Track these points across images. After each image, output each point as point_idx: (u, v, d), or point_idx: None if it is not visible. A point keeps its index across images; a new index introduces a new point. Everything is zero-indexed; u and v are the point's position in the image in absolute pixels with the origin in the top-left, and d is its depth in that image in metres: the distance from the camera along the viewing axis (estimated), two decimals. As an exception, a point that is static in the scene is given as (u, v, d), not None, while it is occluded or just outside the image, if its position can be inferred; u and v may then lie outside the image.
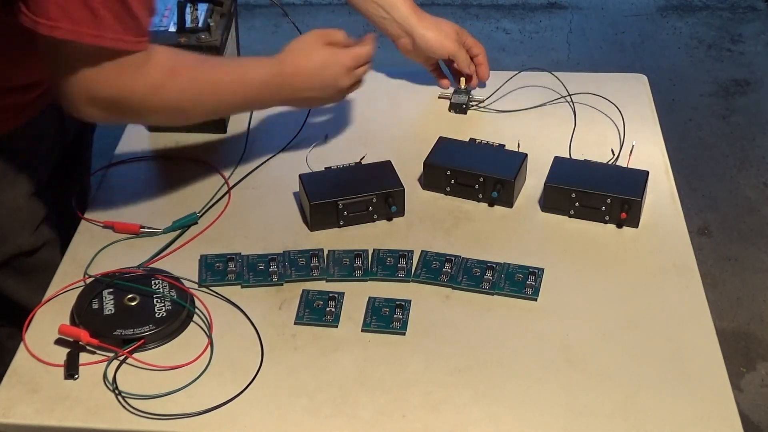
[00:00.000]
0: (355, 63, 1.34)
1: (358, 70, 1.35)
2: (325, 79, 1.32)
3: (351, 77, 1.34)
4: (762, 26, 3.69)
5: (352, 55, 1.34)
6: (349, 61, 1.33)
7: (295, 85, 1.31)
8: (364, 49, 1.35)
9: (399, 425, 1.04)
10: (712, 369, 1.10)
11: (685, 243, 1.28)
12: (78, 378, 1.08)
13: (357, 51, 1.34)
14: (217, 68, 1.27)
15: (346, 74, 1.33)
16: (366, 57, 1.36)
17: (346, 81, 1.34)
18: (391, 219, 1.32)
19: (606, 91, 1.55)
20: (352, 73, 1.34)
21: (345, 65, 1.33)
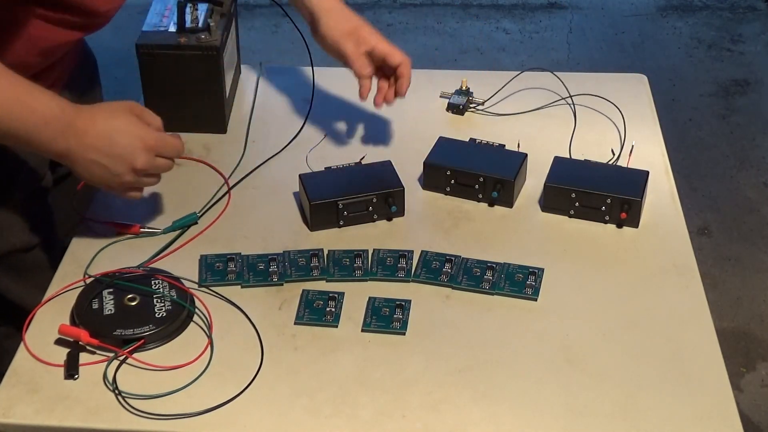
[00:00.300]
0: (158, 146, 1.17)
1: (159, 160, 1.18)
2: (118, 147, 1.15)
3: (147, 159, 1.16)
4: (762, 26, 3.69)
5: (160, 137, 1.18)
6: (152, 140, 1.17)
7: (82, 139, 1.13)
8: (174, 139, 1.20)
9: (399, 425, 1.04)
10: (712, 369, 1.10)
11: (685, 243, 1.28)
12: (78, 378, 1.08)
13: (166, 136, 1.19)
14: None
15: (144, 152, 1.16)
16: (173, 148, 1.20)
17: (141, 160, 1.16)
18: (391, 219, 1.32)
19: (606, 91, 1.55)
20: (151, 156, 1.17)
21: (146, 142, 1.16)
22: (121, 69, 3.38)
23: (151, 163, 1.17)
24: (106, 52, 3.39)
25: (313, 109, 1.53)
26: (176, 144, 1.21)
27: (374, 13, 3.77)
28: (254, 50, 3.21)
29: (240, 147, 1.45)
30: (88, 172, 1.16)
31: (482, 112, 1.54)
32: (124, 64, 3.42)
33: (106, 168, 1.15)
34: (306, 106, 1.54)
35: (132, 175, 1.17)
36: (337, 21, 1.36)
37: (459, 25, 3.70)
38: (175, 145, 1.20)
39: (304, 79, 1.60)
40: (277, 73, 1.63)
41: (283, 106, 1.56)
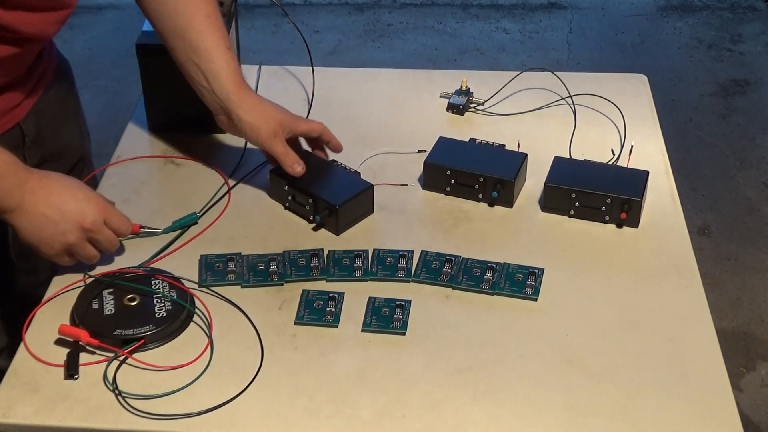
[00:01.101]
0: (108, 214, 1.18)
1: (106, 229, 1.18)
2: (71, 202, 1.15)
3: (96, 221, 1.16)
4: (762, 26, 3.69)
5: (111, 206, 1.19)
6: (104, 206, 1.17)
7: (36, 192, 1.13)
8: (123, 216, 1.20)
9: (399, 425, 1.04)
10: (712, 369, 1.10)
11: (685, 243, 1.28)
12: (78, 378, 1.08)
13: (116, 211, 1.20)
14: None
15: (95, 213, 1.16)
16: (120, 223, 1.19)
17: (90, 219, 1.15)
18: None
19: (606, 91, 1.55)
20: (100, 219, 1.16)
21: (98, 205, 1.17)
22: (121, 69, 3.39)
23: (99, 226, 1.17)
24: (106, 52, 3.41)
25: (313, 109, 1.53)
26: (125, 222, 1.20)
27: (374, 13, 3.77)
28: (254, 50, 3.21)
29: (240, 147, 1.45)
30: (34, 226, 1.14)
31: (482, 112, 1.54)
32: (124, 64, 3.43)
33: (54, 223, 1.14)
34: (306, 106, 1.54)
35: (77, 235, 1.15)
36: (258, 123, 1.29)
37: (459, 25, 3.71)
38: (124, 222, 1.20)
39: (304, 79, 1.60)
40: (277, 73, 1.63)
41: (283, 106, 1.55)
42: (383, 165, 1.42)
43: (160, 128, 1.49)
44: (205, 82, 1.29)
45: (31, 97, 1.31)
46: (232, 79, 1.29)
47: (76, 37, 3.52)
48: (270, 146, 1.30)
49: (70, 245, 1.16)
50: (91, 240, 1.17)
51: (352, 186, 1.31)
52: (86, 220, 1.15)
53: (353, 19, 3.73)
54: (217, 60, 1.28)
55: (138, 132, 1.49)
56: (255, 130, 1.30)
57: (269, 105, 1.32)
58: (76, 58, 3.34)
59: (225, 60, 1.29)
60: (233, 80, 1.29)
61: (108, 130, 2.94)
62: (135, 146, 1.47)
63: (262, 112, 1.30)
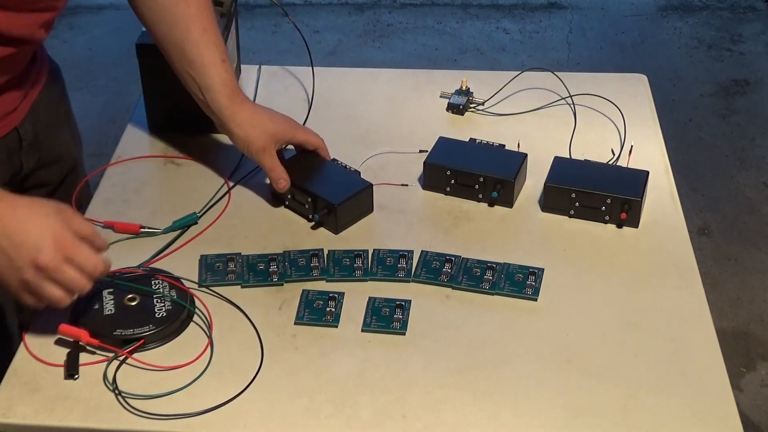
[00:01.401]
0: (71, 250, 1.04)
1: (68, 269, 1.04)
2: (26, 236, 1.02)
3: (53, 258, 1.03)
4: (762, 26, 3.69)
5: (76, 242, 1.05)
6: (66, 241, 1.04)
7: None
8: (93, 255, 1.06)
9: (399, 425, 1.04)
10: (712, 369, 1.10)
11: (685, 243, 1.28)
12: (78, 378, 1.08)
13: (85, 247, 1.05)
14: None
15: (52, 250, 1.02)
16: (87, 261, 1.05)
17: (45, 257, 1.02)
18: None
19: (606, 91, 1.55)
20: (58, 257, 1.03)
21: (58, 240, 1.03)
22: (121, 69, 3.39)
23: (57, 265, 1.03)
24: (106, 52, 3.41)
25: (313, 109, 1.53)
26: (93, 259, 1.06)
27: (374, 13, 3.77)
28: (254, 50, 3.21)
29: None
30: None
31: (482, 112, 1.54)
32: (124, 64, 3.43)
33: (9, 258, 1.03)
34: (306, 106, 1.54)
35: (33, 273, 1.03)
36: (249, 138, 1.31)
37: (459, 25, 3.71)
38: (92, 259, 1.06)
39: (304, 79, 1.60)
40: (277, 73, 1.63)
41: (283, 106, 1.55)
42: (383, 165, 1.42)
43: (160, 128, 1.49)
44: (200, 95, 1.31)
45: (27, 101, 1.31)
46: (225, 93, 1.30)
47: (76, 37, 3.52)
48: (259, 160, 1.32)
49: (27, 282, 1.04)
50: (53, 280, 1.05)
51: (352, 185, 1.31)
52: (41, 257, 1.02)
53: (353, 19, 3.73)
54: (211, 74, 1.30)
55: (138, 132, 1.49)
56: (245, 144, 1.32)
57: (263, 117, 1.33)
58: (76, 58, 3.36)
59: (218, 74, 1.30)
60: (226, 94, 1.30)
61: (108, 130, 2.95)
62: (135, 146, 1.47)
63: (254, 126, 1.31)
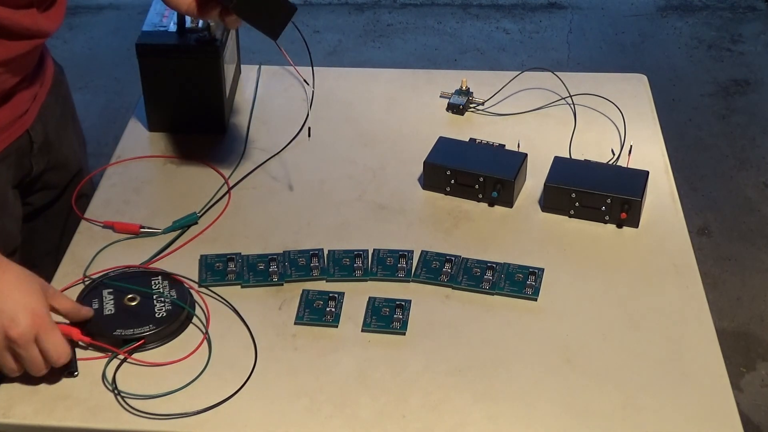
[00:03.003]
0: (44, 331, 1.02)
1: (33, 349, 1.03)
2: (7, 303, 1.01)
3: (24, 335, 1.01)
4: (762, 26, 3.69)
5: (51, 325, 1.04)
6: (42, 320, 1.02)
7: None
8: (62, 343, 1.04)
9: (399, 425, 1.04)
10: (712, 369, 1.10)
11: (685, 243, 1.28)
12: (78, 375, 1.08)
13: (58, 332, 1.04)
14: None
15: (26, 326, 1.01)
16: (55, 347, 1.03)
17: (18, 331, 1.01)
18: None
19: (606, 91, 1.55)
20: (30, 335, 1.02)
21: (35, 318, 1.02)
22: (121, 69, 3.39)
23: (26, 342, 1.02)
24: (106, 52, 3.41)
25: (313, 109, 1.53)
26: (60, 348, 1.04)
27: (374, 13, 3.77)
28: (254, 50, 3.21)
29: (240, 147, 1.45)
30: None
31: (482, 112, 1.54)
32: (124, 64, 3.43)
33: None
34: (306, 106, 1.54)
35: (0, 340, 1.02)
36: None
37: (459, 25, 3.71)
38: (59, 348, 1.04)
39: (304, 79, 1.60)
40: (277, 73, 1.63)
41: (283, 106, 1.56)
42: (383, 165, 1.42)
43: (160, 128, 1.49)
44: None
45: (36, 103, 1.31)
46: None
47: (76, 37, 3.52)
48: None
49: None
50: (14, 353, 1.03)
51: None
52: (13, 330, 1.01)
53: (353, 19, 3.73)
54: None
55: (138, 132, 1.49)
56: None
57: None
58: (76, 58, 3.36)
59: None
60: None
61: (108, 130, 2.95)
62: (135, 146, 1.47)
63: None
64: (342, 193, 1.37)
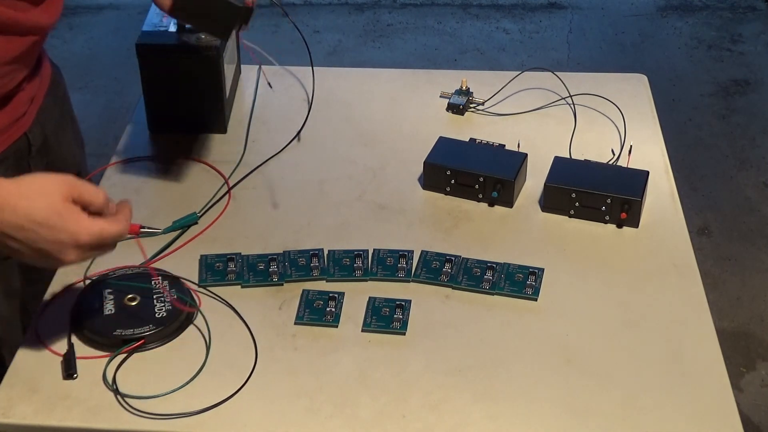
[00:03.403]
0: (93, 242, 1.01)
1: (92, 251, 1.02)
2: (42, 243, 0.99)
3: (79, 254, 1.01)
4: (762, 26, 3.69)
5: (95, 232, 1.00)
6: (86, 237, 1.00)
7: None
8: (114, 227, 1.02)
9: (399, 425, 1.04)
10: (712, 369, 1.10)
11: (685, 243, 1.28)
12: (77, 377, 1.08)
13: (103, 229, 1.01)
14: None
15: (74, 250, 1.00)
16: (112, 238, 1.03)
17: (71, 256, 1.00)
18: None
19: (606, 91, 1.55)
20: (83, 252, 1.01)
21: (78, 239, 0.99)
22: (121, 69, 3.39)
23: (84, 256, 1.02)
24: (106, 52, 3.41)
25: (312, 109, 1.53)
26: (116, 232, 1.03)
27: (374, 13, 3.77)
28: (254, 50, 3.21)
29: (240, 147, 1.45)
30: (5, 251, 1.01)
31: (482, 112, 1.54)
32: (124, 64, 3.43)
33: (26, 255, 1.00)
34: (306, 106, 1.54)
35: (58, 264, 1.02)
36: None
37: (459, 25, 3.71)
38: (115, 233, 1.03)
39: (304, 79, 1.60)
40: (277, 73, 1.63)
41: (283, 106, 1.56)
42: (383, 165, 1.42)
43: (160, 128, 1.49)
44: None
45: (34, 104, 1.31)
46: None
47: (76, 37, 3.52)
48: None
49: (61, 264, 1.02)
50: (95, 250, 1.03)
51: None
52: (66, 258, 1.00)
53: (353, 19, 3.73)
54: None
55: (138, 132, 1.49)
56: None
57: None
58: (76, 58, 3.36)
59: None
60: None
61: (108, 130, 2.95)
62: (135, 146, 1.47)
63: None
64: (342, 193, 1.37)
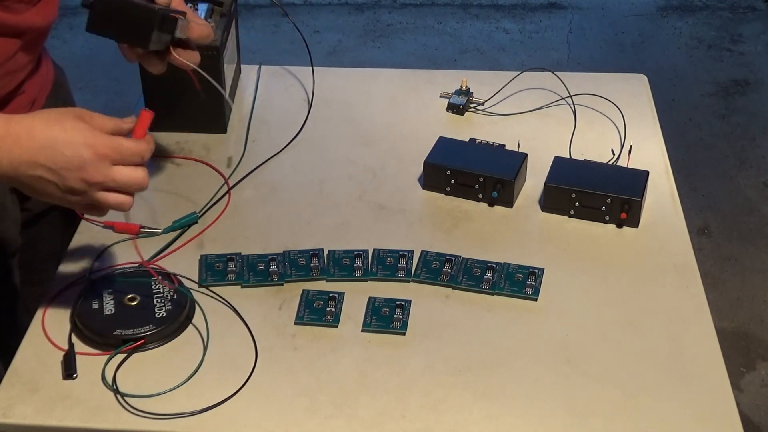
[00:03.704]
0: (113, 153, 0.98)
1: (119, 171, 0.99)
2: (62, 159, 0.96)
3: (101, 170, 0.98)
4: (762, 26, 3.69)
5: (113, 142, 0.98)
6: (105, 147, 0.97)
7: (20, 153, 0.96)
8: (133, 144, 1.00)
9: (399, 425, 1.04)
10: (712, 369, 1.10)
11: (685, 243, 1.28)
12: (77, 377, 1.08)
13: (121, 143, 0.99)
14: None
15: (96, 162, 0.97)
16: (133, 153, 1.00)
17: (93, 172, 0.97)
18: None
19: (606, 91, 1.55)
20: (105, 166, 0.98)
21: (97, 150, 0.97)
22: (121, 69, 3.38)
23: (108, 174, 0.99)
24: (106, 52, 3.41)
25: (312, 109, 1.53)
26: (137, 148, 1.01)
27: (374, 13, 3.77)
28: (254, 50, 3.21)
29: (240, 147, 1.45)
30: (36, 191, 1.00)
31: (482, 112, 1.54)
32: (124, 64, 3.43)
33: (54, 185, 0.98)
34: (306, 106, 1.54)
35: (88, 190, 0.99)
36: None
37: (459, 25, 3.71)
38: (136, 149, 1.01)
39: (304, 79, 1.60)
40: (277, 73, 1.63)
41: (283, 106, 1.56)
42: (383, 165, 1.42)
43: (160, 128, 1.49)
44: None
45: (36, 107, 1.30)
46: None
47: (76, 37, 3.52)
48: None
49: (88, 200, 1.01)
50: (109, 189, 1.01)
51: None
52: (89, 174, 0.98)
53: (353, 19, 3.73)
54: None
55: (138, 132, 1.49)
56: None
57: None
58: (76, 58, 3.36)
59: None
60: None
61: (108, 130, 2.95)
62: (135, 146, 1.46)
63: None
64: (342, 193, 1.37)
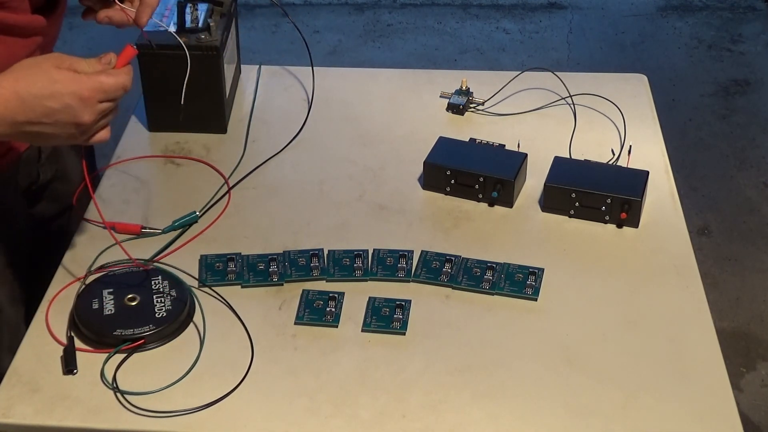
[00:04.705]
0: (97, 95, 1.05)
1: (102, 104, 1.06)
2: (54, 113, 1.04)
3: (91, 112, 1.05)
4: (762, 26, 3.69)
5: (92, 84, 1.05)
6: (87, 91, 1.05)
7: (10, 116, 1.03)
8: (111, 78, 1.07)
9: (399, 425, 1.04)
10: (712, 369, 1.10)
11: (685, 243, 1.28)
12: (77, 373, 1.08)
13: (102, 82, 1.06)
14: None
15: (84, 107, 1.05)
16: (115, 88, 1.07)
17: (86, 116, 1.05)
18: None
19: (606, 91, 1.55)
20: (93, 106, 1.06)
21: (82, 96, 1.04)
22: (121, 69, 3.38)
23: (99, 110, 1.06)
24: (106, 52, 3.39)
25: (312, 109, 1.53)
26: (118, 83, 1.07)
27: (374, 13, 3.77)
28: (254, 50, 3.21)
29: (240, 147, 1.45)
30: (39, 141, 1.12)
31: (482, 112, 1.54)
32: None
33: (53, 135, 1.06)
34: (306, 106, 1.54)
35: (84, 129, 1.07)
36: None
37: (459, 25, 3.71)
38: (117, 84, 1.07)
39: (304, 79, 1.60)
40: (277, 73, 1.63)
41: (283, 106, 1.56)
42: (383, 165, 1.42)
43: (160, 128, 1.49)
44: None
45: None
46: None
47: (76, 37, 3.52)
48: None
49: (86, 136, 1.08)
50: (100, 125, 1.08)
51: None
52: (82, 118, 1.05)
53: (353, 19, 3.73)
54: None
55: (138, 132, 1.49)
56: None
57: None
58: (76, 58, 3.35)
59: None
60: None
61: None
62: (135, 146, 1.47)
63: None
64: (342, 193, 1.37)
